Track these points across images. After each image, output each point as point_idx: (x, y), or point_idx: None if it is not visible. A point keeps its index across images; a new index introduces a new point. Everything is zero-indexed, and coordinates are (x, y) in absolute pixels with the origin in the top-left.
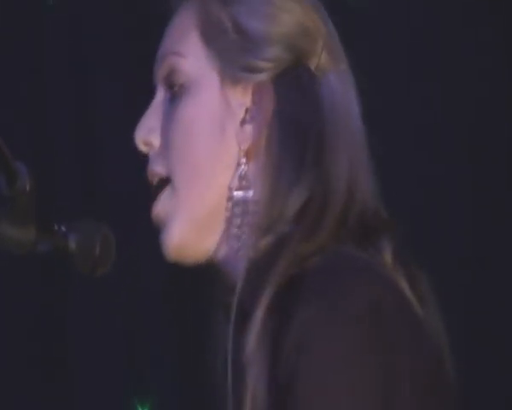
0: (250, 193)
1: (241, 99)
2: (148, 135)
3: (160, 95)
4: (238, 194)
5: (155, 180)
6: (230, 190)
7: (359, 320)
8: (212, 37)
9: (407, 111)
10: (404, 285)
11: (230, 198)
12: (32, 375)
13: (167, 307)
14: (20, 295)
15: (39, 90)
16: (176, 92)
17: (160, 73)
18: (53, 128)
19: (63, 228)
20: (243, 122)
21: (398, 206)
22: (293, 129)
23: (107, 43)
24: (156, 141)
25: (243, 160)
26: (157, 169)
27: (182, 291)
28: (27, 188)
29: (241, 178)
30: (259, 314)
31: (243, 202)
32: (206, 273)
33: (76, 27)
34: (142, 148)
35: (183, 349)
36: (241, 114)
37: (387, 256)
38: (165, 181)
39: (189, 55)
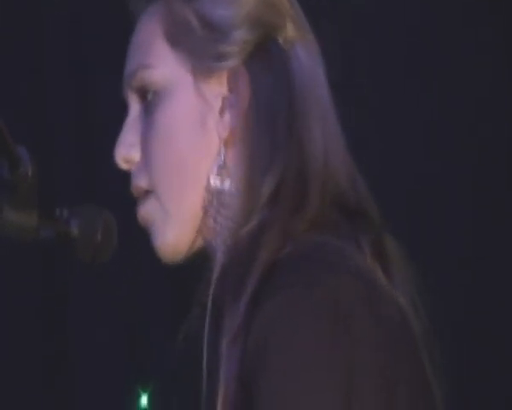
0: (227, 184)
1: (217, 89)
2: (128, 152)
3: (134, 109)
4: (216, 184)
5: (140, 194)
6: (209, 180)
7: (321, 317)
8: (179, 39)
9: (405, 110)
10: (379, 273)
11: (207, 188)
12: (32, 366)
13: (169, 295)
14: (21, 286)
15: (39, 73)
16: (150, 102)
17: (131, 88)
18: (53, 114)
19: (65, 214)
20: (222, 112)
21: (396, 205)
22: (266, 111)
23: (107, 40)
24: (137, 156)
25: (222, 149)
26: (140, 183)
27: (183, 280)
28: (29, 173)
29: (220, 167)
30: (241, 307)
31: (220, 193)
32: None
33: (76, 27)
34: (124, 166)
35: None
36: (218, 105)
37: (362, 243)
38: (150, 192)
39: (158, 64)
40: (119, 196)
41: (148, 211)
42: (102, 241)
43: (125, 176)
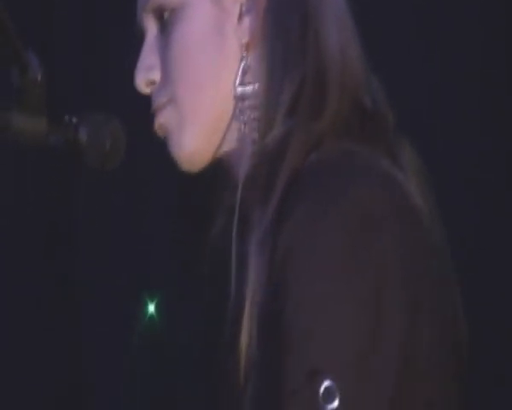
0: (252, 87)
1: None
2: (148, 74)
3: (151, 32)
4: (240, 89)
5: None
6: (235, 86)
7: (350, 226)
8: None
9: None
10: (403, 181)
11: (235, 95)
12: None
13: (175, 203)
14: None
15: None
16: (167, 21)
17: (147, 11)
18: (63, 19)
19: (74, 121)
20: (240, 18)
21: None
22: (282, 13)
23: None
24: (157, 76)
25: (244, 53)
26: (162, 100)
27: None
28: (39, 79)
29: (244, 72)
30: (270, 209)
31: (246, 96)
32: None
33: None
34: (145, 89)
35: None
36: (236, 11)
37: (385, 148)
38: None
39: None
40: (129, 104)
41: (166, 118)
42: (111, 148)
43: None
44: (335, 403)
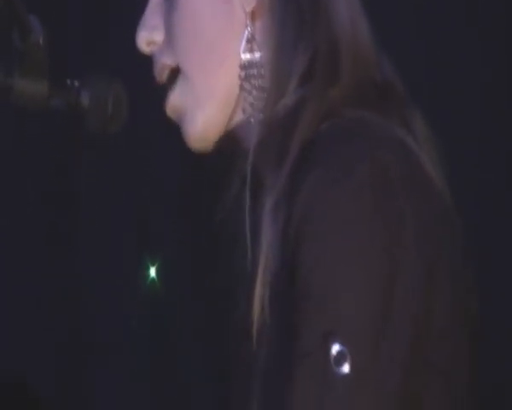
0: (257, 56)
1: None
2: (150, 34)
3: None
4: (246, 57)
5: (165, 74)
6: (239, 55)
7: (365, 192)
8: None
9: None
10: (418, 150)
11: (239, 64)
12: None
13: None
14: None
15: None
16: None
17: None
18: None
19: (76, 84)
20: None
21: None
22: None
23: None
24: (159, 37)
25: (249, 22)
26: (166, 61)
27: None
28: (40, 42)
29: (249, 40)
30: (283, 175)
31: (252, 64)
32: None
33: None
34: (145, 48)
35: (195, 211)
36: None
37: (399, 119)
38: (176, 71)
39: None
40: (131, 68)
41: (178, 97)
42: (113, 112)
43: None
44: (346, 367)
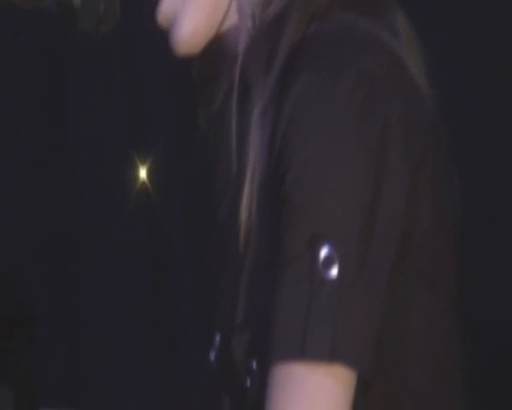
0: None
1: None
2: None
3: None
4: None
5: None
6: None
7: (353, 93)
8: None
9: None
10: (403, 54)
11: None
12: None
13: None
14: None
15: None
16: None
17: None
18: None
19: None
20: None
21: None
22: None
23: None
24: None
25: None
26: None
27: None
28: None
29: None
30: (271, 80)
31: None
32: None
33: None
34: None
35: (184, 109)
36: None
37: (383, 20)
38: None
39: None
40: None
41: (168, 2)
42: (105, 11)
43: None
44: (335, 270)
